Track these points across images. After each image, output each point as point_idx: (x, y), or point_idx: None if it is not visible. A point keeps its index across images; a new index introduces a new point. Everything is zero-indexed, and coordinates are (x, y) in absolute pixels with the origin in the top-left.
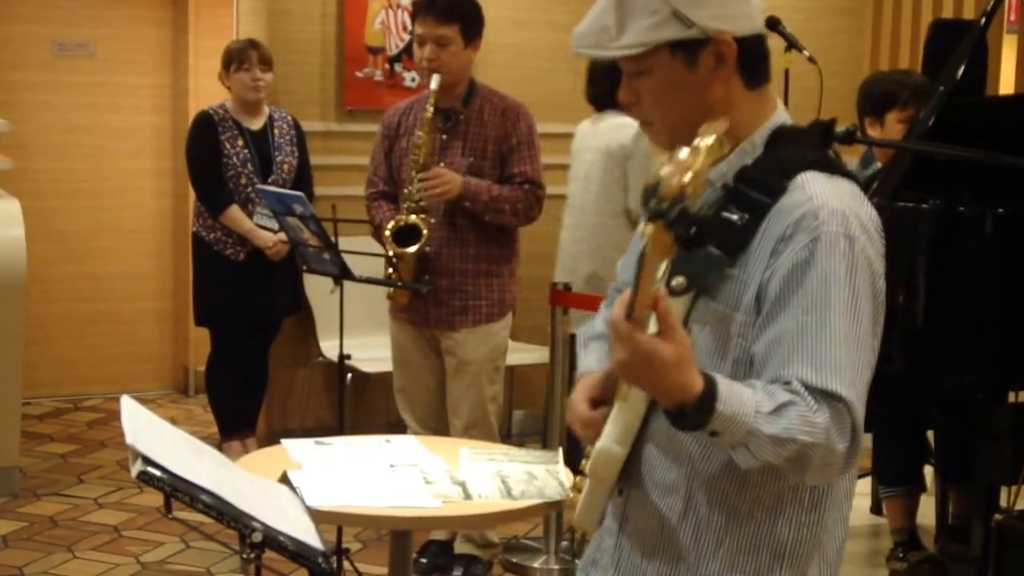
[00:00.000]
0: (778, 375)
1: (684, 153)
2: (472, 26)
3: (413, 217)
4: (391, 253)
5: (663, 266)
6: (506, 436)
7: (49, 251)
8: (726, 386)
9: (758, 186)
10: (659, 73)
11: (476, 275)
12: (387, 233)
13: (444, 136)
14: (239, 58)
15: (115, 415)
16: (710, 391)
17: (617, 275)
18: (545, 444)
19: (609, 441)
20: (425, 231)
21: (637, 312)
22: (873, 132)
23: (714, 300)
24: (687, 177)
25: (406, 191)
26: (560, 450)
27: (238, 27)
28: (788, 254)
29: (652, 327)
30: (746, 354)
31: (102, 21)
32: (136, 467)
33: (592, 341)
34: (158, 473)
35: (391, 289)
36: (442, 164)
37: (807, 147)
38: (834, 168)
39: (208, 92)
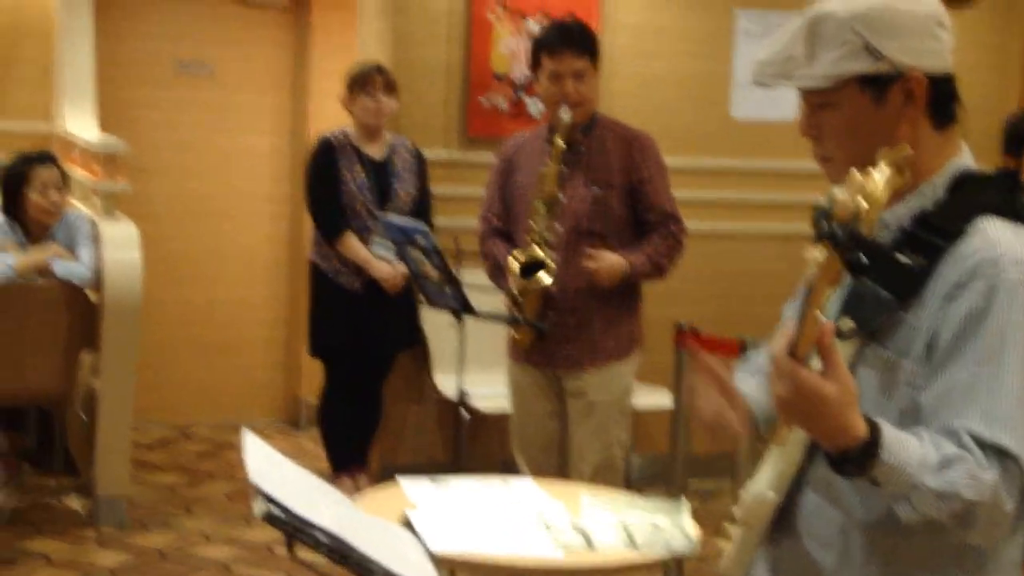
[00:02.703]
0: (947, 427)
1: (860, 176)
2: (598, 55)
3: (538, 251)
4: (515, 289)
5: (830, 297)
6: (626, 481)
7: (162, 274)
8: (892, 434)
9: (937, 231)
10: (845, 107)
11: (604, 311)
12: (512, 266)
13: (567, 169)
14: (363, 82)
15: (224, 446)
16: (874, 437)
17: (783, 318)
18: (668, 492)
19: (763, 486)
20: (551, 265)
21: (802, 346)
22: None
23: (883, 346)
24: (862, 199)
25: (531, 223)
26: (685, 500)
27: (362, 50)
28: (963, 301)
29: (816, 364)
30: (914, 404)
31: (224, 40)
32: (259, 507)
33: (746, 374)
34: (282, 515)
35: (515, 331)
36: (563, 196)
37: (991, 193)
38: (1019, 216)
39: (328, 115)
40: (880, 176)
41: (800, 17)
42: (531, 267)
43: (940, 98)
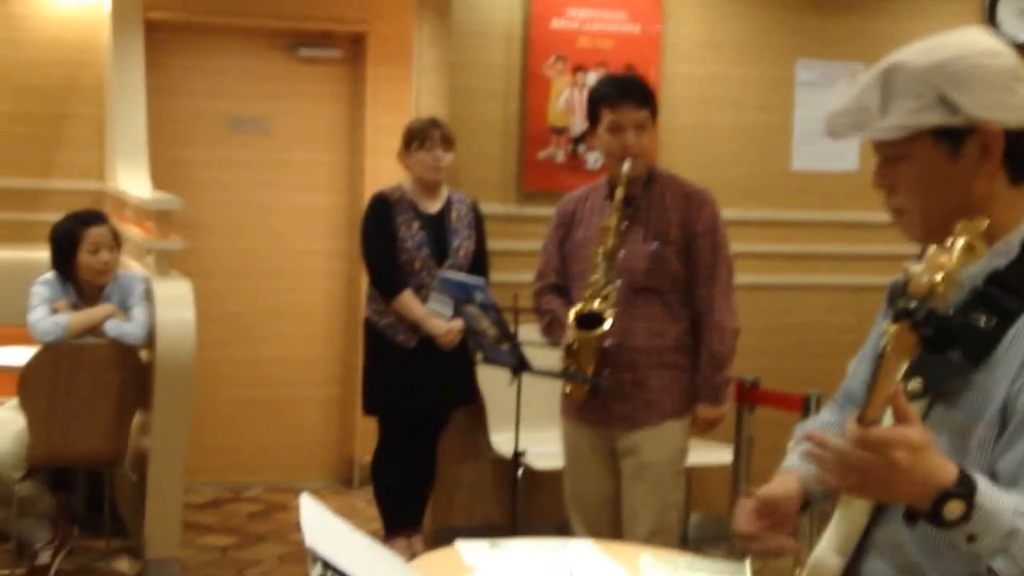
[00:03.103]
0: None
1: (935, 251)
2: (656, 108)
3: (597, 303)
4: (572, 342)
5: (903, 368)
6: (683, 541)
7: (216, 332)
8: (983, 480)
9: (1011, 290)
10: (919, 160)
11: (660, 368)
12: (570, 319)
13: (624, 223)
14: (421, 137)
15: (277, 507)
16: (969, 477)
17: (848, 374)
18: (729, 552)
19: (827, 550)
20: (609, 318)
21: (871, 414)
22: None
23: (953, 407)
24: (938, 276)
25: (593, 279)
26: (748, 562)
27: (418, 104)
28: None
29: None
30: (986, 468)
31: (278, 96)
32: (316, 571)
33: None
34: None
35: (568, 384)
36: (622, 251)
37: None
38: None
39: (384, 171)
40: (957, 251)
41: (875, 68)
42: (589, 320)
43: (1016, 153)
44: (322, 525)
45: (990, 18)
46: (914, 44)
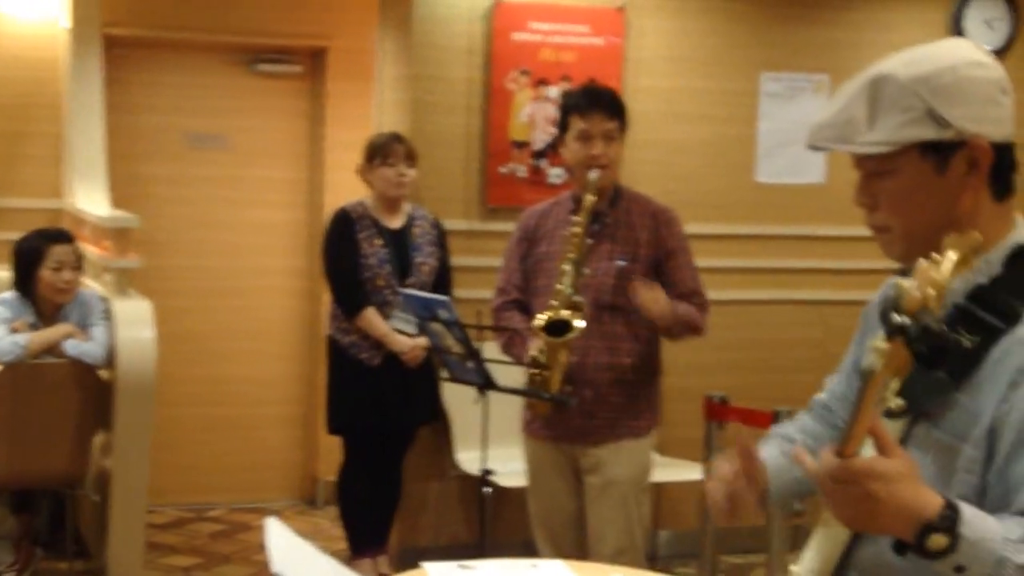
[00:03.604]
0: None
1: (926, 265)
2: (626, 121)
3: (565, 312)
4: (539, 351)
5: (893, 386)
6: (651, 558)
7: (176, 351)
8: (968, 508)
9: (992, 308)
10: (905, 175)
11: (624, 385)
12: (538, 324)
13: (590, 240)
14: (384, 152)
15: (240, 527)
16: (953, 506)
17: (825, 390)
18: (698, 570)
19: (809, 571)
20: (577, 326)
21: (855, 435)
22: None
23: (936, 428)
24: (931, 291)
25: (558, 287)
26: None
27: (380, 118)
28: None
29: (867, 452)
30: (972, 490)
31: (237, 112)
32: None
33: (776, 437)
34: None
35: (536, 403)
36: (587, 269)
37: None
38: None
39: (345, 187)
40: (947, 265)
41: (860, 78)
42: (557, 328)
43: (1001, 167)
44: (288, 549)
45: (956, 28)
46: (899, 54)
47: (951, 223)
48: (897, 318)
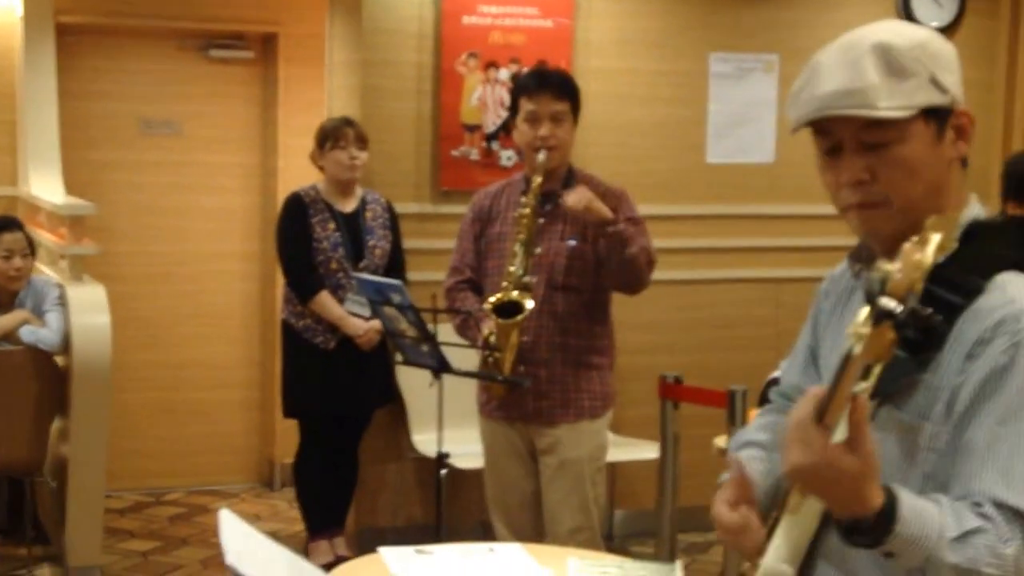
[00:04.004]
0: (967, 491)
1: (910, 247)
2: (579, 103)
3: (516, 293)
4: (489, 333)
5: (875, 370)
6: (607, 538)
7: (131, 337)
8: (909, 505)
9: (951, 286)
10: (914, 142)
11: (577, 366)
12: (488, 307)
13: (542, 220)
14: (335, 136)
15: (198, 510)
16: (889, 509)
17: (781, 377)
18: (656, 549)
19: (777, 560)
20: (527, 307)
21: (830, 416)
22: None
23: (899, 409)
24: (917, 274)
25: (509, 268)
26: (679, 564)
27: (331, 103)
28: (985, 359)
29: (839, 434)
30: (936, 468)
31: (189, 98)
32: None
33: (745, 448)
34: None
35: (491, 384)
36: (539, 248)
37: (1005, 244)
38: None
39: (297, 172)
40: (932, 247)
41: (855, 48)
42: (507, 310)
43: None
44: (243, 542)
45: (904, 5)
46: (871, 26)
47: (939, 195)
48: (888, 303)
